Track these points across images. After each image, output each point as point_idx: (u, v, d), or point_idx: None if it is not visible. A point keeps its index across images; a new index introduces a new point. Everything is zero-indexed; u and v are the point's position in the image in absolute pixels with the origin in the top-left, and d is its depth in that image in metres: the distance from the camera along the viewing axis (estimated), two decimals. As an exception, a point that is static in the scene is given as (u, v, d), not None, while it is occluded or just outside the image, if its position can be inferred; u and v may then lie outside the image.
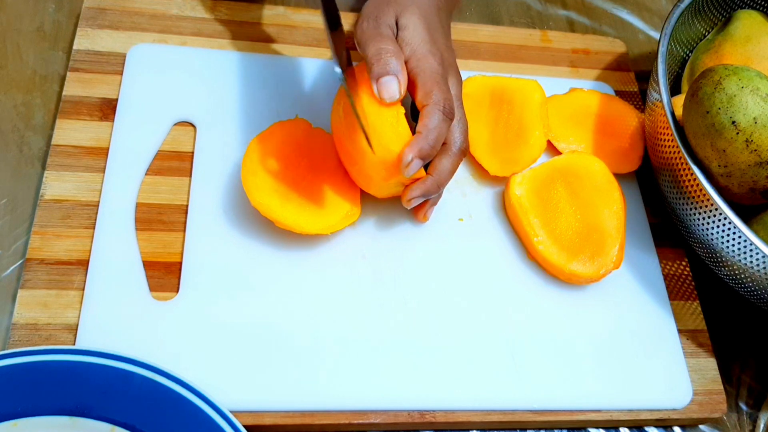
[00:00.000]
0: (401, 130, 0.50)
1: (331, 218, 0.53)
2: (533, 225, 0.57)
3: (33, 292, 0.49)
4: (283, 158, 0.54)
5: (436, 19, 0.55)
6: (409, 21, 0.53)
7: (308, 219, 0.52)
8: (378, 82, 0.49)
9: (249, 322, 0.51)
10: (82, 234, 0.52)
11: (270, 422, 0.48)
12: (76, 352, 0.45)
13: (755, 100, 0.51)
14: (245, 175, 0.52)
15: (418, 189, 0.52)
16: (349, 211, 0.54)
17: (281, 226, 0.52)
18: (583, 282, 0.57)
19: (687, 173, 0.54)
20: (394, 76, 0.49)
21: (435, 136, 0.50)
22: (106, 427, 0.44)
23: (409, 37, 0.52)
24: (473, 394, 0.51)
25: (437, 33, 0.55)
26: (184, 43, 0.62)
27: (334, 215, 0.54)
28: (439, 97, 0.50)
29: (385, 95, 0.49)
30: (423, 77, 0.51)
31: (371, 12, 0.54)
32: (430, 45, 0.52)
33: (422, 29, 0.52)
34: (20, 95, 0.59)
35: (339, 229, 0.53)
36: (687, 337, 0.58)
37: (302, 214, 0.53)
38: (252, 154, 0.53)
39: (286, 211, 0.52)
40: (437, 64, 0.52)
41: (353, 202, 0.55)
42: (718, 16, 0.68)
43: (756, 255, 0.51)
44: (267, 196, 0.52)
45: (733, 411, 0.57)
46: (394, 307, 0.53)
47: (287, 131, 0.55)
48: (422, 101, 0.51)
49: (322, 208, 0.54)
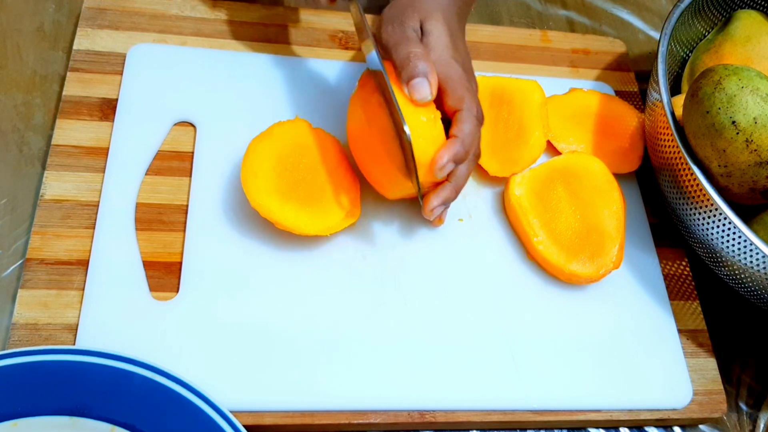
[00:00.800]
0: (436, 133, 0.50)
1: (330, 219, 0.53)
2: (533, 225, 0.57)
3: (33, 292, 0.49)
4: (282, 159, 0.54)
5: (456, 26, 0.56)
6: (434, 27, 0.53)
7: (308, 220, 0.52)
8: (409, 84, 0.50)
9: (249, 322, 0.51)
10: (82, 234, 0.52)
11: (270, 422, 0.48)
12: (76, 352, 0.45)
13: (755, 100, 0.51)
14: (245, 176, 0.52)
15: (438, 198, 0.52)
16: (349, 212, 0.54)
17: (281, 227, 0.52)
18: (583, 282, 0.57)
19: (687, 173, 0.54)
20: (424, 77, 0.50)
21: (470, 141, 0.51)
22: (106, 427, 0.44)
23: (434, 42, 0.53)
24: (473, 394, 0.51)
25: (458, 39, 0.56)
26: (184, 43, 0.62)
27: (334, 216, 0.54)
28: (472, 103, 0.51)
29: (417, 97, 0.50)
30: (452, 83, 0.51)
31: (395, 16, 0.54)
32: (453, 51, 0.53)
33: (446, 35, 0.53)
34: (20, 95, 0.59)
35: (338, 230, 0.53)
36: (687, 337, 0.58)
37: (302, 216, 0.53)
38: (252, 155, 0.53)
39: (286, 212, 0.52)
40: (462, 70, 0.52)
41: (353, 203, 0.55)
42: (718, 16, 0.68)
43: (756, 255, 0.51)
44: (267, 197, 0.52)
45: (733, 411, 0.57)
46: (394, 307, 0.53)
47: (287, 132, 0.55)
48: (454, 106, 0.51)
49: (321, 209, 0.54)
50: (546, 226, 0.57)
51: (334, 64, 0.64)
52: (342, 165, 0.56)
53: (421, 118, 0.50)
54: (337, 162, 0.56)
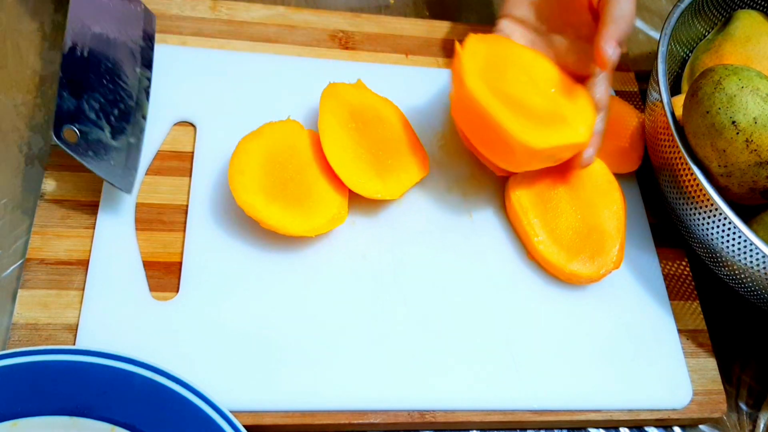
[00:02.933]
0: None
1: (316, 220, 0.53)
2: (533, 225, 0.57)
3: (33, 292, 0.49)
4: (271, 158, 0.54)
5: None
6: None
7: (293, 220, 0.52)
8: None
9: (249, 322, 0.51)
10: (82, 234, 0.52)
11: (270, 422, 0.48)
12: (76, 352, 0.45)
13: (755, 100, 0.51)
14: (231, 173, 0.52)
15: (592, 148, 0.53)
16: (336, 215, 0.54)
17: (266, 227, 0.52)
18: (583, 282, 0.57)
19: (687, 173, 0.54)
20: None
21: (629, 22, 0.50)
22: (106, 427, 0.44)
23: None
24: (473, 394, 0.51)
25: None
26: (184, 43, 0.62)
27: (321, 217, 0.53)
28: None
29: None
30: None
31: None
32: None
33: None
34: (20, 95, 0.59)
35: (324, 232, 0.53)
36: (687, 337, 0.58)
37: (287, 215, 0.52)
38: (240, 153, 0.53)
39: (271, 211, 0.52)
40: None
41: (340, 205, 0.55)
42: (718, 16, 0.68)
43: (756, 255, 0.51)
44: (252, 195, 0.52)
45: (733, 411, 0.57)
46: (394, 307, 0.53)
47: (277, 132, 0.56)
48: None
49: (308, 210, 0.53)
50: (546, 226, 0.57)
51: (334, 64, 0.64)
52: (330, 167, 0.56)
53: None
54: (325, 164, 0.56)
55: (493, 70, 0.55)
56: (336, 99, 0.57)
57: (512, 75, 0.55)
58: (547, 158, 0.54)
